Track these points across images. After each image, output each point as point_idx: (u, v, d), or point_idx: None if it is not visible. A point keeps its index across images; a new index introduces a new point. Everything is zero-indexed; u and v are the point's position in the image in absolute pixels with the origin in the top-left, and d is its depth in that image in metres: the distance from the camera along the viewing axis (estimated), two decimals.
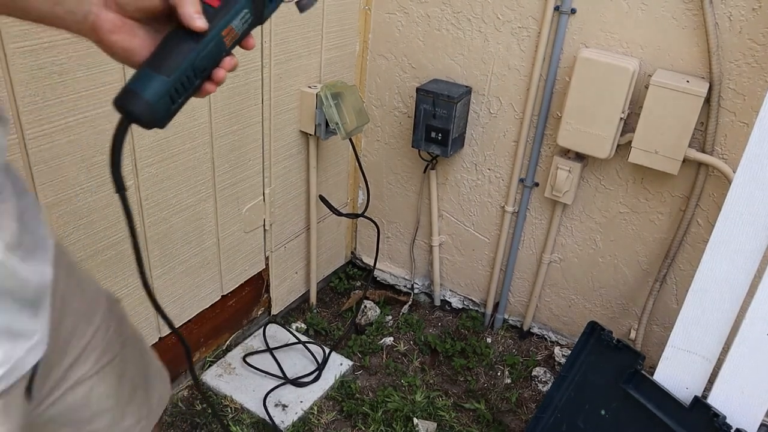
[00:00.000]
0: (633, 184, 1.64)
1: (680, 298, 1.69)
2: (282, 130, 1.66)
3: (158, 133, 1.31)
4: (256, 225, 1.71)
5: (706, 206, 1.56)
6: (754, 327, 1.17)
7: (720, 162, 1.48)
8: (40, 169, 1.11)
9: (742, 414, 1.22)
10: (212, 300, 1.67)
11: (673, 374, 1.29)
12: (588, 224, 1.75)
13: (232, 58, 0.64)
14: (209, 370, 1.73)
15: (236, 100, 1.47)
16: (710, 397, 1.24)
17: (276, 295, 1.91)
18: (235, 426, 1.58)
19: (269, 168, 1.67)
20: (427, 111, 1.71)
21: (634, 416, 1.30)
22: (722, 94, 1.44)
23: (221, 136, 1.47)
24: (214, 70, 0.62)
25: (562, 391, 1.41)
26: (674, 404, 1.25)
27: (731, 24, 1.38)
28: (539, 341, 1.97)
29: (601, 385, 1.36)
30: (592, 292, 1.83)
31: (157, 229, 1.40)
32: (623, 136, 1.56)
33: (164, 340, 1.56)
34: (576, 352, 1.41)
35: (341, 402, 1.69)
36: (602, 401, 1.35)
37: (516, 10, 1.61)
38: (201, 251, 1.55)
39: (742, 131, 1.45)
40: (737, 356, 1.20)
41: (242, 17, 0.61)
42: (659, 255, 1.68)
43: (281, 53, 1.55)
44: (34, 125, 1.07)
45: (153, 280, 1.44)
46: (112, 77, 1.17)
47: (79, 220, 1.22)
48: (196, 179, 1.45)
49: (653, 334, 1.77)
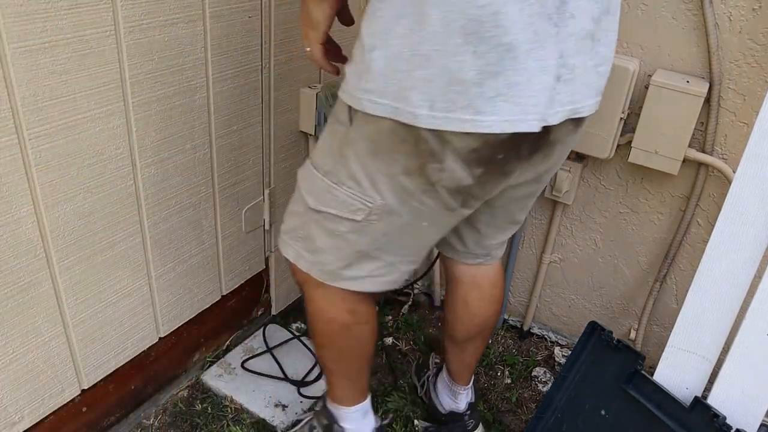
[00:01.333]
0: (633, 184, 1.64)
1: (680, 298, 1.69)
2: (282, 130, 1.66)
3: (158, 132, 1.31)
4: (256, 225, 1.71)
5: (706, 206, 1.56)
6: (754, 327, 1.17)
7: (720, 162, 1.48)
8: (40, 169, 1.11)
9: (743, 414, 1.22)
10: (212, 300, 1.67)
11: (673, 374, 1.29)
12: (588, 224, 1.75)
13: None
14: (209, 370, 1.73)
15: (236, 100, 1.47)
16: (710, 398, 1.23)
17: (276, 296, 1.91)
18: (235, 426, 1.58)
19: (269, 168, 1.67)
20: None
21: (634, 416, 1.30)
22: (722, 94, 1.45)
23: (221, 136, 1.47)
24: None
25: (563, 392, 1.41)
26: (674, 405, 1.25)
27: (731, 24, 1.38)
28: (539, 341, 1.97)
29: (601, 386, 1.36)
30: (592, 292, 1.83)
31: (157, 229, 1.40)
32: (623, 136, 1.56)
33: (164, 340, 1.56)
34: (576, 352, 1.41)
35: None
36: (602, 401, 1.35)
37: None
38: (201, 251, 1.55)
39: (742, 131, 1.45)
40: (737, 356, 1.20)
41: None
42: (659, 255, 1.68)
43: (281, 53, 1.55)
44: (34, 125, 1.07)
45: (153, 280, 1.44)
46: (111, 77, 1.17)
47: (79, 220, 1.22)
48: (196, 179, 1.45)
49: (653, 334, 1.77)
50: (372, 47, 0.86)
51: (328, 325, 1.20)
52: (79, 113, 1.14)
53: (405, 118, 0.86)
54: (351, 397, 1.34)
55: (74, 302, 1.27)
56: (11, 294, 1.15)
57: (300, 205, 1.09)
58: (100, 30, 1.12)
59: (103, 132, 1.20)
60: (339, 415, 1.35)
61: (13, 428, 1.25)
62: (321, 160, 1.04)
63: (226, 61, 1.40)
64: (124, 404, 1.53)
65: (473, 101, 0.82)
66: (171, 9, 1.23)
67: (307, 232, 1.09)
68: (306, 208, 1.06)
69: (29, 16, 1.00)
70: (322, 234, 1.06)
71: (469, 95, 0.82)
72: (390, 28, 0.84)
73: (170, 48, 1.26)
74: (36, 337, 1.23)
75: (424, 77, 0.83)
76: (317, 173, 1.03)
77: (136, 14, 1.16)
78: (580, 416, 1.37)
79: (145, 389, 1.58)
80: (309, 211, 1.06)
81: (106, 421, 1.50)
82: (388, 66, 0.85)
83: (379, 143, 0.93)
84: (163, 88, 1.28)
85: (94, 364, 1.38)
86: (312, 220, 1.06)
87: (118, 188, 1.27)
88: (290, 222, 1.14)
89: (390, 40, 0.84)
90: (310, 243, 1.09)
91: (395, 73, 0.85)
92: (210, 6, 1.30)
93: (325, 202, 1.03)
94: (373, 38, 0.86)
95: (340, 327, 1.19)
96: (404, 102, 0.85)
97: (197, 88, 1.36)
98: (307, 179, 1.06)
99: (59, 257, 1.21)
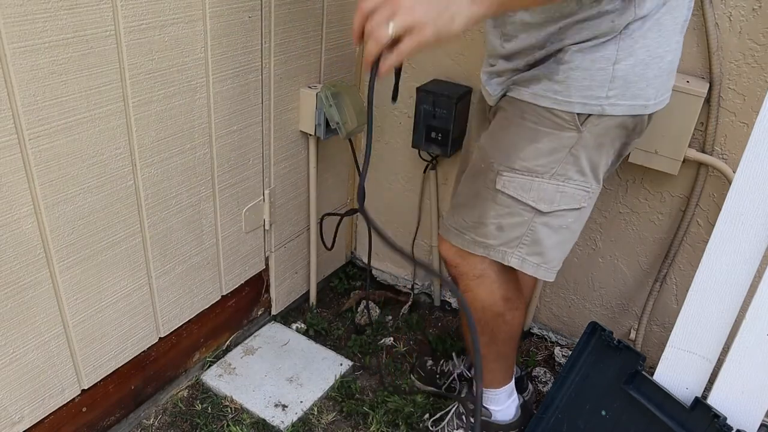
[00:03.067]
0: (633, 184, 1.64)
1: (680, 298, 1.69)
2: (282, 130, 1.66)
3: (158, 132, 1.31)
4: (256, 225, 1.71)
5: (706, 206, 1.56)
6: (754, 327, 1.17)
7: (720, 162, 1.48)
8: (40, 169, 1.11)
9: (743, 414, 1.22)
10: (212, 300, 1.67)
11: (673, 374, 1.29)
12: (588, 224, 1.74)
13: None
14: (209, 370, 1.73)
15: (236, 100, 1.47)
16: (710, 398, 1.23)
17: (276, 295, 1.91)
18: (235, 426, 1.58)
19: (269, 168, 1.67)
20: (427, 111, 1.71)
21: (634, 417, 1.30)
22: (722, 94, 1.44)
23: (221, 136, 1.47)
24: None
25: (563, 392, 1.41)
26: (675, 405, 1.25)
27: (731, 24, 1.38)
28: (539, 341, 1.97)
29: (602, 386, 1.36)
30: (592, 293, 1.83)
31: (157, 229, 1.40)
32: None
33: (164, 340, 1.56)
34: (577, 352, 1.41)
35: (341, 402, 1.69)
36: (603, 402, 1.35)
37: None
38: (201, 251, 1.55)
39: (742, 131, 1.45)
40: (737, 356, 1.20)
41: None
42: (659, 255, 1.68)
43: (281, 53, 1.55)
44: (34, 125, 1.07)
45: (153, 280, 1.44)
46: (111, 77, 1.17)
47: (79, 220, 1.22)
48: (196, 179, 1.45)
49: (653, 334, 1.77)
50: (614, 60, 1.06)
51: (483, 313, 1.30)
52: (79, 113, 1.14)
53: (638, 111, 1.11)
54: (500, 379, 1.44)
55: (74, 302, 1.27)
56: (11, 294, 1.15)
57: (521, 216, 1.19)
58: (100, 30, 1.12)
59: (103, 132, 1.20)
60: (487, 398, 1.45)
61: (13, 428, 1.25)
62: (539, 167, 1.15)
63: (226, 61, 1.40)
64: (124, 404, 1.53)
65: (671, 82, 1.15)
66: (171, 9, 1.23)
67: (534, 236, 1.20)
68: (532, 216, 1.19)
69: (29, 16, 1.00)
70: (550, 233, 1.20)
71: (671, 79, 1.15)
72: (635, 41, 1.05)
73: (170, 48, 1.26)
74: (36, 337, 1.23)
75: (656, 74, 1.09)
76: (543, 179, 1.16)
77: (136, 14, 1.16)
78: (580, 417, 1.37)
79: (145, 389, 1.58)
80: (538, 215, 1.18)
81: (106, 421, 1.50)
82: (632, 72, 1.07)
83: (606, 136, 1.13)
84: (163, 88, 1.28)
85: (94, 364, 1.38)
86: (540, 224, 1.19)
87: (118, 188, 1.27)
88: (510, 233, 1.21)
89: (636, 50, 1.06)
90: (537, 246, 1.21)
91: (635, 76, 1.07)
92: (210, 6, 1.30)
93: (557, 201, 1.17)
94: (614, 53, 1.06)
95: (494, 315, 1.30)
96: (639, 98, 1.09)
97: (197, 88, 1.36)
98: (532, 189, 1.17)
99: (59, 257, 1.21)
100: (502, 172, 1.17)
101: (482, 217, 1.21)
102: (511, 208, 1.19)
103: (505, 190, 1.17)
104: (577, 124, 1.11)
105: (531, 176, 1.15)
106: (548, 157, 1.14)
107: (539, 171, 1.15)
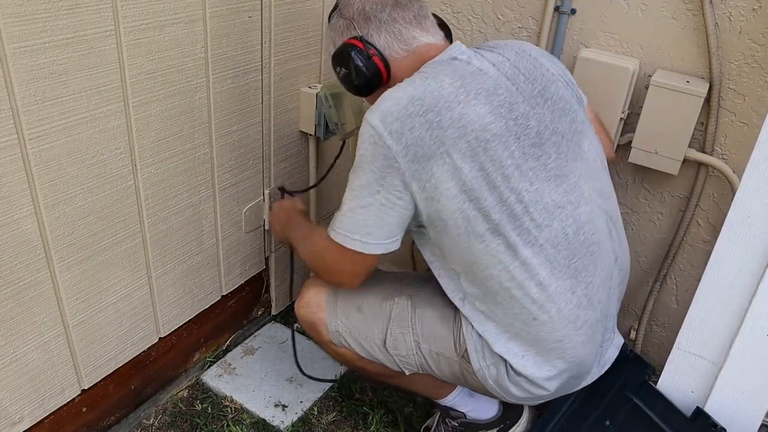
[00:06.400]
0: (633, 184, 1.64)
1: (680, 298, 1.69)
2: (282, 130, 1.66)
3: (158, 133, 1.31)
4: (256, 225, 1.71)
5: (706, 206, 1.56)
6: (754, 328, 1.17)
7: (720, 162, 1.48)
8: (40, 169, 1.11)
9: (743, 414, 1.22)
10: (212, 300, 1.67)
11: (679, 378, 1.29)
12: None
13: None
14: (209, 370, 1.73)
15: (236, 100, 1.47)
16: (711, 398, 1.24)
17: (276, 295, 1.91)
18: (235, 426, 1.58)
19: (269, 168, 1.67)
20: None
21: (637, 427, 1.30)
22: (722, 94, 1.45)
23: (221, 136, 1.47)
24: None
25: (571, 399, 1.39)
26: (677, 415, 1.26)
27: (731, 24, 1.38)
28: None
29: (608, 395, 1.35)
30: None
31: (157, 229, 1.40)
32: (623, 136, 1.56)
33: (164, 340, 1.56)
34: None
35: (341, 402, 1.69)
36: (608, 412, 1.34)
37: (516, 10, 1.61)
38: (201, 251, 1.55)
39: (742, 131, 1.45)
40: (738, 357, 1.20)
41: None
42: (659, 255, 1.68)
43: (281, 53, 1.55)
44: (34, 125, 1.07)
45: (153, 281, 1.44)
46: (111, 77, 1.17)
47: (79, 220, 1.22)
48: (196, 179, 1.45)
49: (653, 334, 1.77)
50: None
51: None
52: (79, 113, 1.14)
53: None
54: (435, 395, 1.47)
55: (74, 302, 1.27)
56: (11, 294, 1.15)
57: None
58: (100, 30, 1.12)
59: (103, 132, 1.20)
60: (451, 405, 1.47)
61: (13, 428, 1.25)
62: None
63: (226, 61, 1.40)
64: (124, 404, 1.53)
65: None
66: (171, 9, 1.23)
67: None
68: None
69: (29, 16, 1.00)
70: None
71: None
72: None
73: (170, 48, 1.26)
74: (36, 337, 1.23)
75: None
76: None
77: (136, 14, 1.16)
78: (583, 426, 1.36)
79: (145, 389, 1.58)
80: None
81: (106, 421, 1.50)
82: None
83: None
84: (163, 88, 1.28)
85: (94, 364, 1.38)
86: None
87: (118, 188, 1.27)
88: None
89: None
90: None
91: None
92: (210, 6, 1.30)
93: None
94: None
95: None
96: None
97: (197, 88, 1.36)
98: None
99: (59, 257, 1.21)
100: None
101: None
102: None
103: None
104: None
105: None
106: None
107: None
